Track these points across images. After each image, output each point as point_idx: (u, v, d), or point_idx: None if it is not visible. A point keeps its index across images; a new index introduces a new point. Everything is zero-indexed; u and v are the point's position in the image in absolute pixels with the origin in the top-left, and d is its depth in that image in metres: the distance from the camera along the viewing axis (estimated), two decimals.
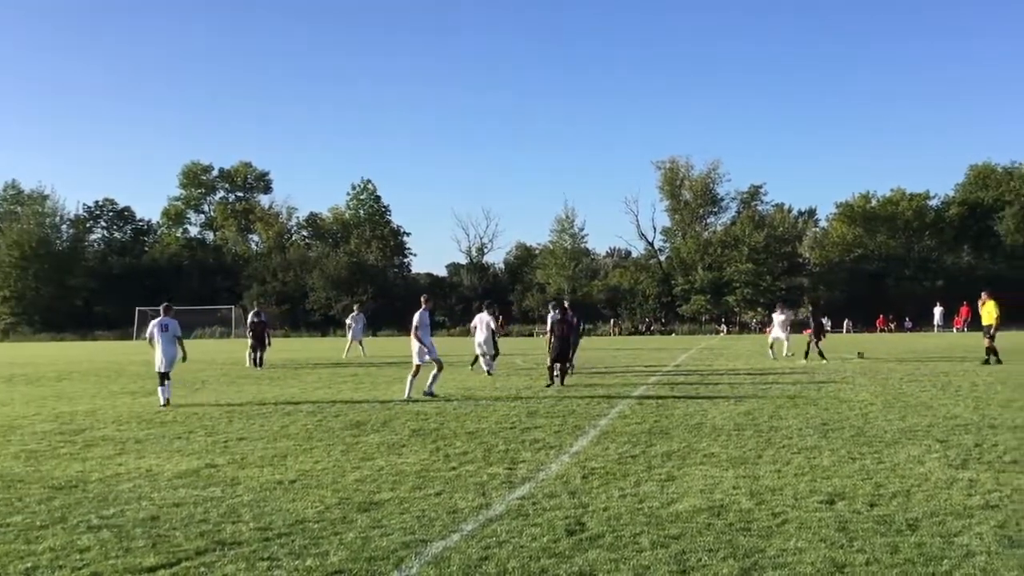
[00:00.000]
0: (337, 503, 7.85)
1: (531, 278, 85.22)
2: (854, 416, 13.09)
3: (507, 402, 15.75)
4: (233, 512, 7.54)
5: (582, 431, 12.04)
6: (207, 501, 7.99)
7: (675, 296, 76.25)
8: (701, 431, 11.83)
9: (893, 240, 77.54)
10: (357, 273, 79.60)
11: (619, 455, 10.07)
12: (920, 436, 11.07)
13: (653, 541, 6.43)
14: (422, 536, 6.70)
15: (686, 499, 7.77)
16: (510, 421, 13.16)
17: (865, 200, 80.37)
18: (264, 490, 8.46)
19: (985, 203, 78.32)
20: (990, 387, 16.97)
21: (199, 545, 6.52)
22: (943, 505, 7.38)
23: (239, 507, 7.72)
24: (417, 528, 6.93)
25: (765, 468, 9.19)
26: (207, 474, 9.35)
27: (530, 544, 6.42)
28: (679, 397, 16.23)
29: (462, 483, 8.65)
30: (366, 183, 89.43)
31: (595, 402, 15.54)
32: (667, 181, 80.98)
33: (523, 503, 7.70)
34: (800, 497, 7.79)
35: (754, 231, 74.04)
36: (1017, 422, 12.13)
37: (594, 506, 7.55)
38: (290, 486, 8.64)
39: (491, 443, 11.10)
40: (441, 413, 14.27)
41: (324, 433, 12.25)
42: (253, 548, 6.43)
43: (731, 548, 6.24)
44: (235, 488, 8.56)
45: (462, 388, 18.58)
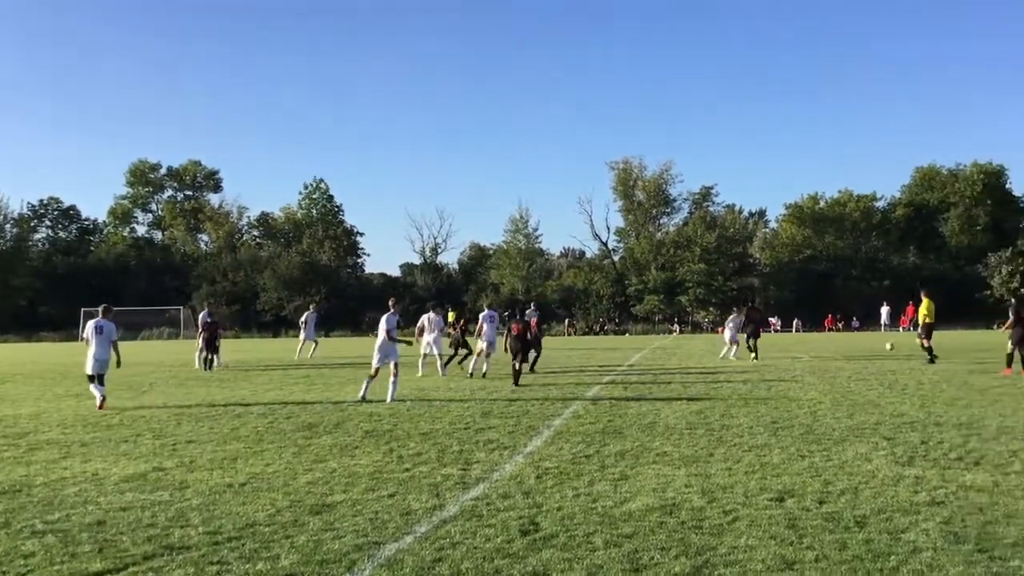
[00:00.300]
0: (288, 506, 7.77)
1: (485, 278, 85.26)
2: (803, 414, 13.27)
3: (461, 403, 15.72)
4: (181, 516, 7.43)
5: (536, 431, 12.05)
6: (155, 505, 7.86)
7: (629, 296, 76.73)
8: (654, 430, 11.91)
9: (841, 241, 78.85)
10: (309, 273, 78.91)
11: (573, 455, 10.09)
12: (867, 434, 11.25)
13: (606, 540, 6.46)
14: (375, 538, 6.65)
15: (639, 498, 7.81)
16: (464, 422, 13.13)
17: (814, 201, 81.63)
18: (213, 493, 8.35)
19: (930, 204, 79.96)
20: (935, 385, 17.31)
21: (147, 550, 6.41)
22: (890, 502, 7.50)
23: (188, 511, 7.61)
24: (370, 530, 6.88)
25: (717, 466, 9.27)
26: (155, 478, 9.20)
27: (484, 545, 6.40)
28: (632, 397, 16.32)
29: (416, 484, 8.62)
30: (318, 182, 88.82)
31: (549, 402, 15.58)
32: (620, 182, 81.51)
33: (477, 504, 7.69)
34: (751, 495, 7.88)
35: (706, 232, 74.85)
36: (962, 419, 12.39)
37: (548, 506, 7.56)
38: (240, 489, 8.53)
39: (445, 444, 11.07)
40: (395, 414, 14.20)
41: (275, 435, 12.13)
42: (202, 552, 6.33)
43: (683, 546, 6.29)
44: (184, 492, 8.44)
45: (416, 389, 18.52)
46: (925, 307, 24.56)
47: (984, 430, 11.38)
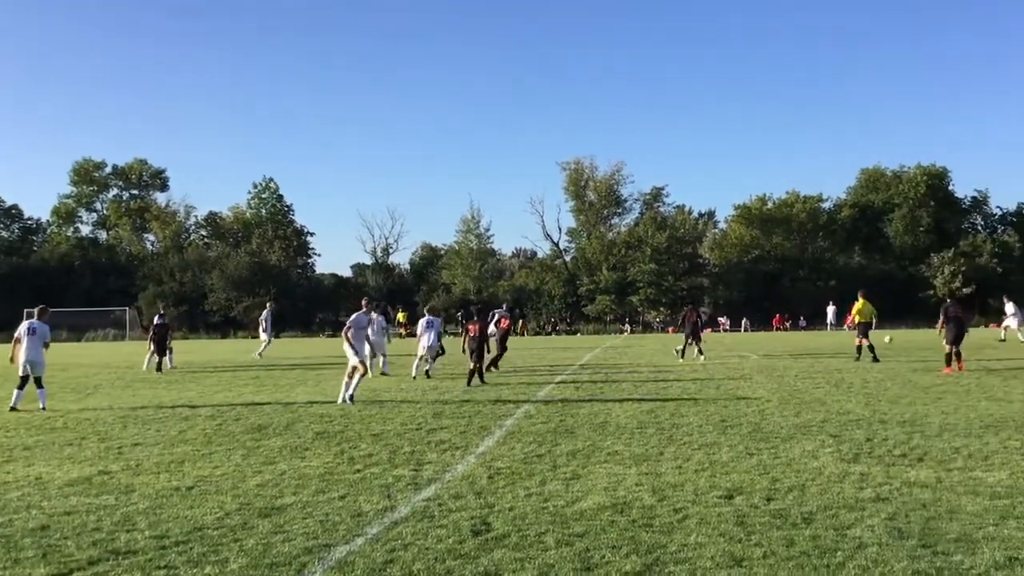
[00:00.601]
0: (237, 509, 7.67)
1: (437, 278, 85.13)
2: (751, 413, 13.44)
3: (413, 403, 15.66)
4: (128, 520, 7.30)
5: (488, 431, 12.06)
6: (100, 509, 7.72)
7: (580, 296, 77.07)
8: (605, 429, 11.98)
9: (788, 241, 80.00)
10: (259, 273, 78.03)
11: (525, 455, 10.11)
12: (814, 431, 11.43)
13: (558, 539, 6.48)
14: (325, 540, 6.60)
15: (590, 497, 7.85)
16: (416, 422, 13.09)
17: (762, 202, 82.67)
18: (160, 497, 8.22)
19: (875, 205, 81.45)
20: (880, 384, 17.64)
21: (92, 555, 6.29)
22: (836, 498, 7.62)
23: (134, 515, 7.48)
24: (320, 533, 6.83)
25: (667, 465, 9.35)
26: (100, 481, 9.03)
27: (435, 546, 6.39)
28: (584, 396, 16.40)
29: (367, 486, 8.57)
30: (268, 182, 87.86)
31: (501, 402, 15.59)
32: (572, 182, 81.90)
33: (429, 504, 7.67)
34: (700, 493, 7.96)
35: (657, 232, 75.46)
36: (906, 417, 12.64)
37: (500, 506, 7.57)
38: (188, 492, 8.41)
39: (396, 445, 11.03)
40: (346, 415, 14.10)
41: (224, 437, 11.98)
42: (149, 557, 6.23)
43: (634, 544, 6.33)
44: (130, 495, 8.29)
45: (367, 390, 18.40)
46: (858, 307, 25.19)
47: (927, 427, 11.62)
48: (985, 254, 75.12)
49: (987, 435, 10.84)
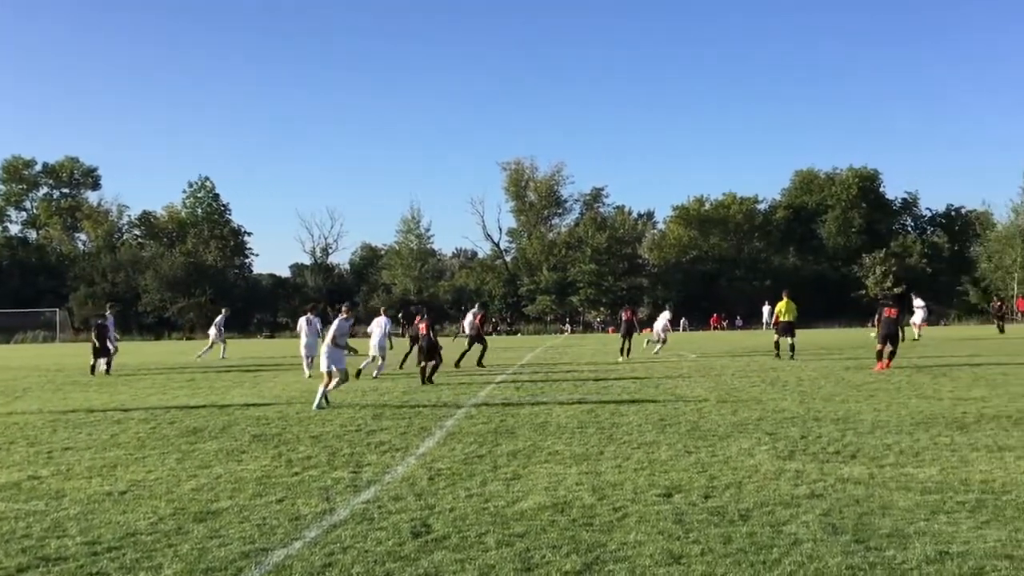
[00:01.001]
0: (172, 513, 7.52)
1: (377, 279, 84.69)
2: (690, 411, 13.58)
3: (353, 405, 15.52)
4: (58, 526, 7.11)
5: (428, 432, 12.00)
6: (29, 515, 7.50)
7: (521, 296, 77.28)
8: (546, 429, 12.00)
9: (725, 242, 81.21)
10: (194, 274, 76.81)
11: (465, 455, 10.09)
12: (751, 429, 11.59)
13: (498, 540, 6.47)
14: (263, 545, 6.50)
15: (531, 497, 7.85)
16: (355, 424, 12.98)
17: (699, 203, 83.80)
18: (92, 502, 8.02)
19: (809, 207, 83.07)
20: (814, 382, 17.96)
21: (20, 562, 6.12)
22: (772, 495, 7.74)
23: (65, 521, 7.29)
24: (257, 536, 6.73)
25: (607, 464, 9.40)
26: (29, 487, 8.79)
27: (375, 548, 6.34)
28: (525, 396, 16.42)
29: (305, 488, 8.47)
30: (204, 181, 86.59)
31: (441, 403, 15.53)
32: (512, 182, 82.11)
33: (368, 507, 7.60)
34: (640, 491, 8.01)
35: (597, 232, 76.02)
36: (839, 415, 12.88)
37: (440, 507, 7.53)
38: (120, 497, 8.22)
39: (335, 447, 10.92)
40: (283, 417, 13.93)
41: (158, 441, 11.74)
42: (80, 563, 6.08)
43: (574, 544, 6.35)
44: (60, 501, 8.08)
45: (307, 391, 18.20)
46: (781, 306, 26.01)
47: (860, 424, 11.86)
48: (915, 254, 77.14)
49: (918, 432, 11.10)
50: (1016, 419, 11.96)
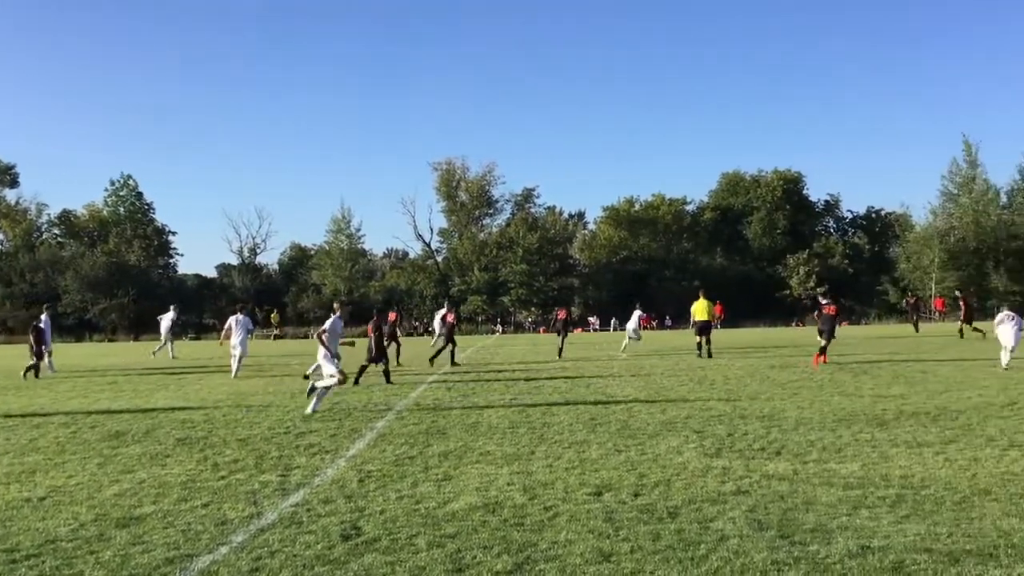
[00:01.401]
0: (93, 519, 7.33)
1: (307, 279, 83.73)
2: (620, 411, 13.70)
3: (281, 407, 15.31)
4: None
5: (359, 434, 11.90)
6: None
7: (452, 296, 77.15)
8: (477, 430, 12.00)
9: (655, 242, 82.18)
10: (116, 274, 75.00)
11: (396, 457, 10.03)
12: (679, 428, 11.74)
13: (429, 541, 6.45)
14: (187, 550, 6.37)
15: (462, 497, 7.84)
16: (284, 426, 12.80)
17: (629, 204, 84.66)
18: (10, 509, 7.77)
19: (735, 208, 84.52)
20: (740, 380, 18.28)
21: None
22: (700, 492, 7.85)
23: None
24: (182, 542, 6.59)
25: (538, 463, 9.44)
26: None
27: (304, 552, 6.26)
28: (456, 397, 16.38)
29: (232, 492, 8.32)
30: (126, 179, 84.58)
31: (372, 404, 15.41)
32: (444, 182, 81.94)
33: (297, 510, 7.51)
34: (570, 490, 8.06)
35: (528, 233, 76.27)
36: (764, 412, 13.13)
37: (370, 509, 7.47)
38: (39, 503, 7.98)
39: (263, 449, 10.75)
40: (209, 420, 13.67)
41: (78, 445, 11.41)
42: None
43: (505, 544, 6.35)
44: None
45: (234, 394, 17.90)
46: (697, 306, 26.85)
47: (784, 421, 12.11)
48: (837, 255, 79.06)
49: (840, 428, 11.37)
50: (934, 416, 12.33)
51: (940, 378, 17.62)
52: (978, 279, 72.92)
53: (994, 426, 11.25)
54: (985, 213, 76.02)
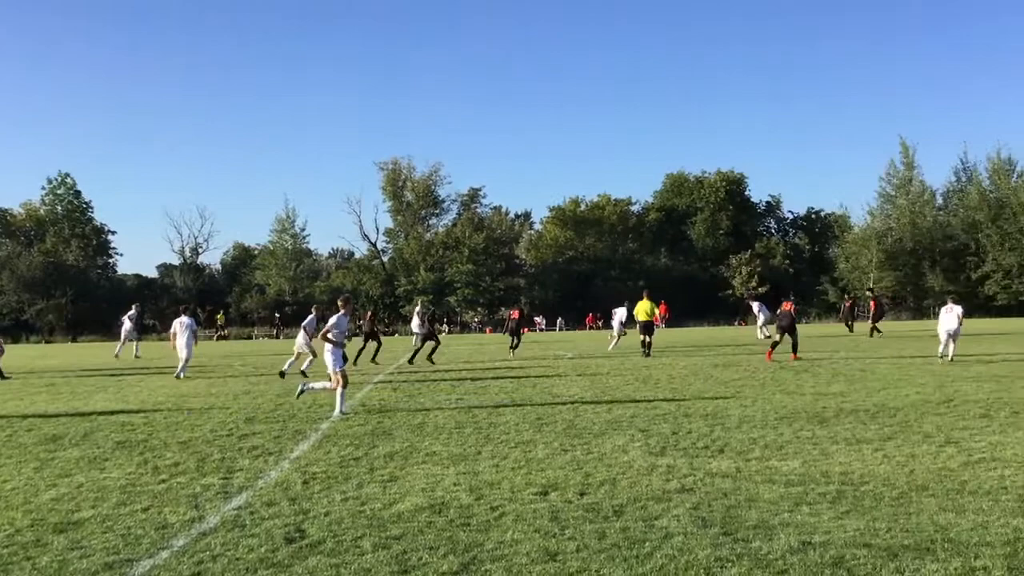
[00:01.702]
0: (29, 525, 7.16)
1: (250, 279, 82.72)
2: (566, 410, 13.76)
3: (224, 409, 15.10)
4: None
5: (303, 435, 11.78)
6: None
7: (398, 297, 76.78)
8: (423, 430, 11.96)
9: (600, 243, 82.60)
10: (54, 274, 73.35)
11: (341, 458, 9.95)
12: (624, 426, 11.83)
13: (375, 543, 6.41)
14: (127, 555, 6.25)
15: (408, 499, 7.81)
16: (227, 428, 12.62)
17: (575, 204, 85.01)
18: None
19: (679, 209, 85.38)
20: (684, 379, 18.47)
21: None
22: (645, 491, 7.91)
23: None
24: (122, 547, 6.47)
25: (484, 463, 9.44)
26: None
27: (247, 556, 6.18)
28: (402, 397, 16.31)
29: (173, 496, 8.19)
30: (64, 177, 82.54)
31: (317, 405, 15.26)
32: (389, 182, 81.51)
33: (240, 513, 7.41)
34: (517, 490, 8.07)
35: (474, 233, 76.23)
36: (708, 410, 13.28)
37: (315, 512, 7.41)
38: None
39: (205, 452, 10.59)
40: (150, 423, 13.43)
41: (14, 449, 11.14)
42: None
43: (451, 544, 6.34)
44: None
45: (175, 396, 17.61)
46: (640, 306, 27.48)
47: (727, 419, 12.27)
48: (778, 256, 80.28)
49: (781, 426, 11.55)
50: (873, 413, 12.58)
51: (878, 376, 17.99)
52: (915, 279, 74.70)
53: (931, 423, 11.52)
54: (921, 214, 77.85)
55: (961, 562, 5.66)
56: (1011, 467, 8.60)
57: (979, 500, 7.29)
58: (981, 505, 7.11)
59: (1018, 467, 8.59)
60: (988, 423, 11.38)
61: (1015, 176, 77.39)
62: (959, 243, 75.67)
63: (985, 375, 17.50)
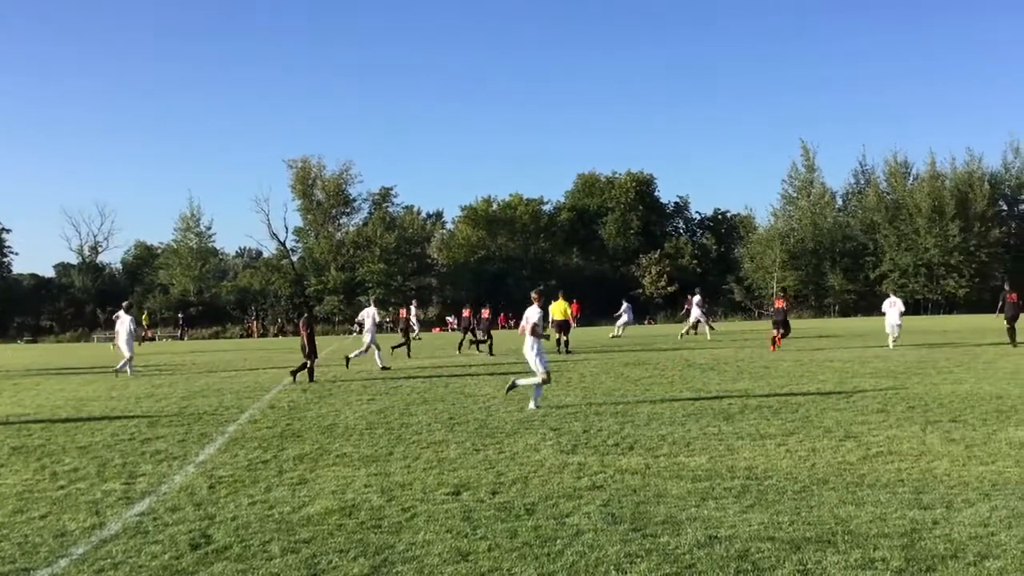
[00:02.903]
0: None
1: (153, 279, 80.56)
2: (478, 409, 13.77)
3: (125, 412, 14.66)
4: None
5: (209, 439, 11.52)
6: None
7: (308, 296, 75.72)
8: (334, 432, 11.82)
9: (512, 242, 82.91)
10: None
11: (249, 461, 9.76)
12: (536, 425, 11.89)
13: (283, 547, 6.30)
14: (24, 564, 6.03)
15: (318, 501, 7.71)
16: (128, 432, 12.26)
17: (487, 204, 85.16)
18: None
19: (591, 209, 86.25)
20: (595, 377, 18.68)
21: None
22: (556, 489, 7.97)
23: None
24: (18, 556, 6.23)
25: (396, 464, 9.38)
26: None
27: (150, 563, 6.01)
28: (312, 398, 16.08)
29: (72, 502, 7.91)
30: None
31: (223, 408, 14.96)
32: (299, 180, 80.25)
33: (143, 519, 7.21)
34: (428, 490, 8.04)
35: (385, 232, 75.69)
36: (618, 409, 13.46)
37: (221, 516, 7.25)
38: None
39: (106, 457, 10.27)
40: (47, 428, 12.96)
41: None
42: None
43: (362, 547, 6.28)
44: None
45: (73, 399, 17.02)
46: (554, 306, 28.44)
47: (637, 417, 12.44)
48: (686, 255, 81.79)
49: (689, 423, 11.77)
50: (776, 409, 12.92)
51: (781, 372, 18.49)
52: (816, 278, 77.07)
53: (831, 418, 11.88)
54: (822, 215, 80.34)
55: (861, 553, 5.85)
56: (907, 460, 8.93)
57: (877, 492, 7.55)
58: (879, 497, 7.37)
59: (914, 460, 8.93)
60: (885, 418, 11.80)
61: (911, 179, 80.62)
62: (858, 243, 78.32)
63: (882, 371, 18.16)
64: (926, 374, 17.34)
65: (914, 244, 74.21)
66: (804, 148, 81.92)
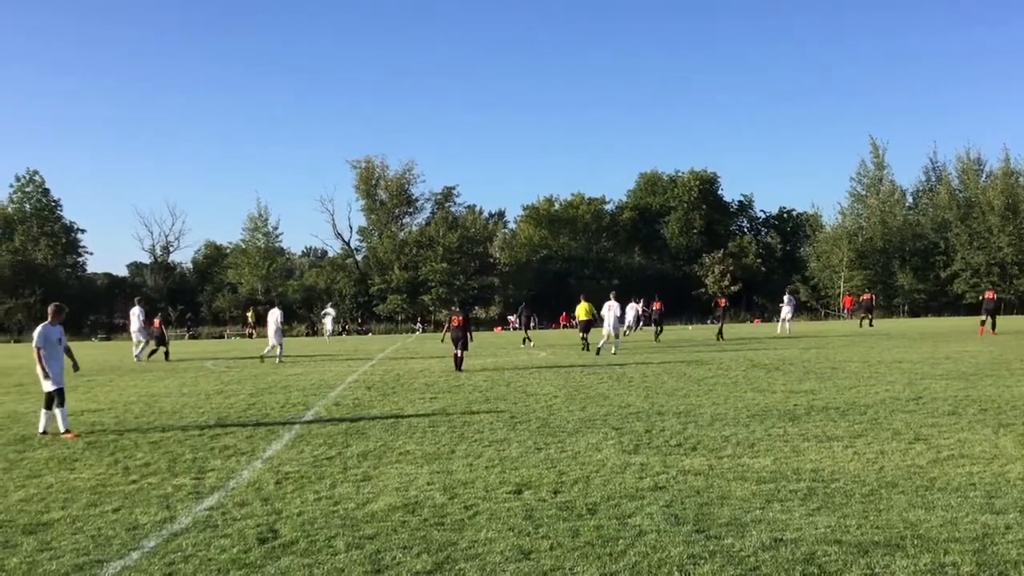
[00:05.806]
0: None
1: (222, 278, 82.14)
2: (540, 408, 13.78)
3: (195, 408, 14.99)
4: None
5: (276, 435, 11.72)
6: None
7: (372, 295, 76.53)
8: (397, 429, 11.93)
9: (574, 241, 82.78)
10: (22, 273, 72.45)
11: (314, 458, 9.91)
12: (598, 425, 11.86)
13: (348, 543, 6.39)
14: (98, 556, 6.20)
15: (382, 498, 7.79)
16: (198, 428, 12.54)
17: (549, 204, 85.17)
18: None
19: (653, 208, 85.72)
20: (658, 377, 18.55)
21: None
22: (618, 489, 7.94)
23: None
24: (92, 548, 6.41)
25: (458, 462, 9.43)
26: None
27: (219, 556, 6.14)
28: (376, 396, 16.26)
29: (144, 497, 8.12)
30: (32, 174, 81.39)
31: (290, 405, 15.20)
32: (363, 181, 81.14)
33: (212, 514, 7.36)
34: (490, 488, 8.07)
35: (448, 232, 76.08)
36: (681, 409, 13.35)
37: (288, 512, 7.37)
38: None
39: (177, 452, 10.51)
40: (120, 422, 13.31)
41: None
42: None
43: (425, 543, 6.33)
44: None
45: (145, 395, 17.45)
46: (579, 308, 30.94)
47: (700, 418, 12.33)
48: (750, 255, 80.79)
49: (753, 424, 11.63)
50: (843, 410, 12.69)
51: (849, 374, 18.15)
52: (884, 277, 75.49)
53: (900, 420, 11.63)
54: (891, 213, 78.71)
55: (931, 558, 5.73)
56: (979, 463, 8.71)
57: (948, 496, 7.37)
58: (950, 501, 7.20)
59: (986, 463, 8.71)
60: (956, 420, 11.52)
61: (984, 176, 78.45)
62: (928, 242, 76.56)
63: (953, 373, 17.71)
64: (999, 376, 16.87)
65: (987, 243, 72.25)
66: (873, 145, 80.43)
